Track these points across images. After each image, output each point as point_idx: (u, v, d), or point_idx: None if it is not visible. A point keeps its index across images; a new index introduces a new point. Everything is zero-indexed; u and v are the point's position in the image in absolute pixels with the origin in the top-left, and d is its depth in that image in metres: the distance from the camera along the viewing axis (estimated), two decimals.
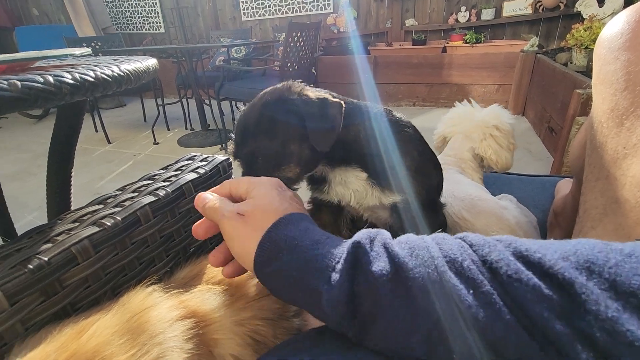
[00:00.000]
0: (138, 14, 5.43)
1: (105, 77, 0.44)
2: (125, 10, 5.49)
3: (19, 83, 0.34)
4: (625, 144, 0.42)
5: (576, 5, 2.81)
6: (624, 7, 2.56)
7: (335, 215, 0.68)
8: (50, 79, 0.37)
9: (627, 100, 0.43)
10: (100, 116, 3.36)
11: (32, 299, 0.35)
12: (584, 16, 2.67)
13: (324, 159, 0.55)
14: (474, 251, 0.29)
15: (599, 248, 0.25)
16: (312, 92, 0.53)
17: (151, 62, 0.61)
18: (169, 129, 3.58)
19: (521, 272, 0.25)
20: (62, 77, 0.38)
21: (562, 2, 3.39)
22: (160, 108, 3.41)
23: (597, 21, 2.51)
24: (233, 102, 3.12)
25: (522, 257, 0.26)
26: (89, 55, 0.57)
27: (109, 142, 3.32)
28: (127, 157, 2.95)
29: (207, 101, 3.33)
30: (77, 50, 0.51)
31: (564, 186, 0.95)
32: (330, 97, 0.52)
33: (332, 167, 0.57)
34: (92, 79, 0.42)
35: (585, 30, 2.39)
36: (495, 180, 1.10)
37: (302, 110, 0.50)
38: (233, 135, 0.55)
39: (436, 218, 0.70)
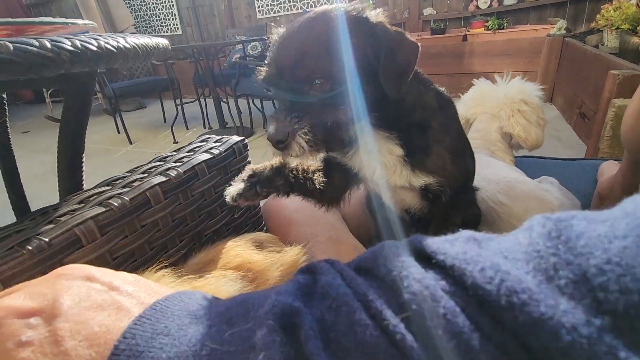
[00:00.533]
0: (156, 16, 5.53)
1: (110, 47, 0.41)
2: (144, 14, 5.59)
3: (10, 45, 0.31)
4: None
5: None
6: None
7: (347, 181, 0.58)
8: (47, 43, 0.34)
9: None
10: (122, 118, 3.43)
11: None
12: None
13: (374, 113, 0.46)
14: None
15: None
16: (385, 20, 0.45)
17: (161, 40, 0.58)
18: (187, 128, 3.62)
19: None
20: (61, 42, 0.35)
21: None
22: (179, 108, 3.44)
23: (626, 1, 2.35)
24: (250, 100, 3.11)
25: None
26: (94, 26, 0.54)
27: (131, 143, 3.38)
28: (148, 156, 2.99)
29: (224, 99, 3.33)
30: (81, 21, 0.48)
31: (609, 168, 0.87)
32: (405, 34, 0.44)
33: (370, 129, 0.48)
34: (95, 48, 0.39)
35: (615, 10, 2.24)
36: (530, 164, 1.03)
37: (381, 40, 0.42)
38: (271, 55, 0.45)
39: (470, 207, 0.64)
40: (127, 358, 0.19)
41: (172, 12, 5.37)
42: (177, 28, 5.46)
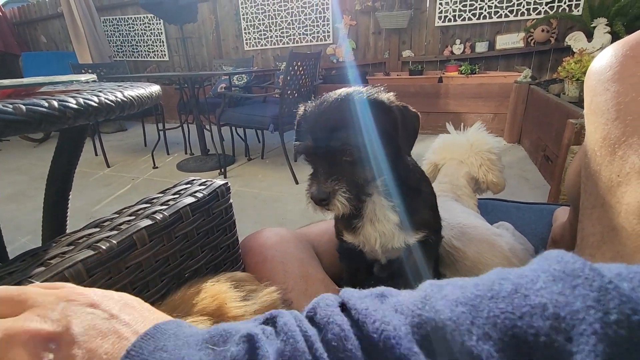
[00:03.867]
0: (144, 42, 5.61)
1: (109, 102, 0.45)
2: (132, 39, 5.67)
3: (23, 107, 0.34)
4: (618, 172, 0.43)
5: (566, 39, 2.92)
6: (612, 42, 2.66)
7: (359, 263, 0.72)
8: (55, 103, 0.38)
9: (618, 129, 0.44)
10: (101, 140, 3.40)
11: None
12: (574, 50, 2.76)
13: (382, 176, 0.57)
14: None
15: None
16: (394, 99, 0.57)
17: (154, 88, 0.63)
18: (168, 154, 3.61)
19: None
20: (67, 102, 0.39)
21: (553, 37, 3.52)
22: (161, 133, 3.45)
23: (586, 55, 2.61)
24: (233, 128, 3.17)
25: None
26: (94, 81, 0.58)
27: (108, 166, 3.33)
28: (126, 180, 2.96)
29: (207, 126, 3.37)
30: (83, 77, 0.52)
31: (562, 214, 0.95)
32: (409, 107, 0.56)
33: (377, 196, 0.59)
34: (96, 104, 0.43)
35: (576, 63, 2.47)
36: (493, 207, 1.11)
37: (396, 115, 0.53)
38: (306, 129, 0.55)
39: (438, 250, 0.72)
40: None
41: (160, 39, 5.47)
42: (164, 54, 5.55)
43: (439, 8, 3.89)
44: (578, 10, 3.39)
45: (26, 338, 0.23)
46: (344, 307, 0.27)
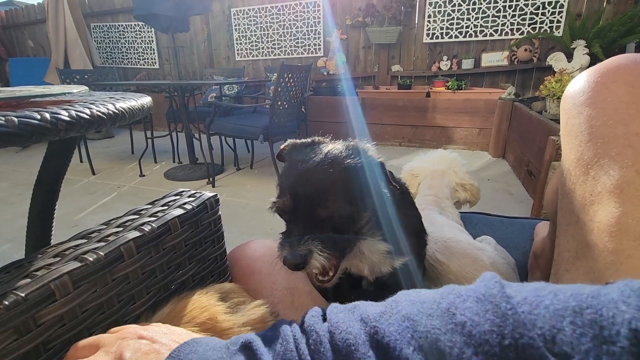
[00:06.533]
0: (134, 50, 5.59)
1: (101, 114, 0.46)
2: (122, 46, 5.64)
3: (15, 119, 0.35)
4: (591, 191, 0.45)
5: (547, 59, 3.04)
6: (590, 63, 2.78)
7: (346, 279, 0.71)
8: (47, 116, 0.38)
9: (590, 151, 0.47)
10: (87, 147, 3.34)
11: (5, 337, 0.34)
12: (555, 69, 2.88)
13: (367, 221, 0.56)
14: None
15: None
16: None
17: (146, 100, 0.63)
18: (156, 162, 3.57)
19: None
20: (59, 114, 0.39)
21: (535, 56, 3.65)
22: (149, 141, 3.41)
23: (566, 74, 2.72)
24: (222, 137, 3.16)
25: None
26: (86, 92, 0.59)
27: (94, 173, 3.28)
28: (111, 188, 2.91)
29: (196, 135, 3.36)
30: (75, 88, 0.53)
31: (543, 228, 0.98)
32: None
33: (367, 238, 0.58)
34: (88, 116, 0.43)
35: (557, 82, 2.57)
36: (478, 221, 1.13)
37: (378, 176, 0.54)
38: (285, 186, 0.52)
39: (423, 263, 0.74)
40: None
41: (151, 47, 5.47)
42: (155, 62, 5.53)
43: (427, 25, 4.00)
44: (559, 32, 3.53)
45: None
46: (326, 318, 0.33)
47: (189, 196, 0.61)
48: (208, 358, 0.32)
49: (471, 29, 3.87)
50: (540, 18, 3.61)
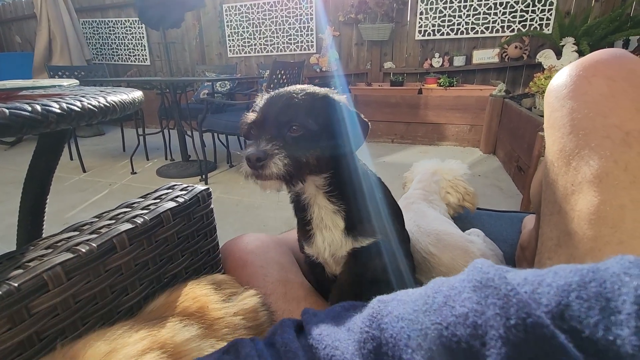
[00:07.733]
0: (125, 46, 5.52)
1: (92, 107, 0.46)
2: (112, 42, 5.57)
3: (7, 111, 0.35)
4: (572, 182, 0.47)
5: (537, 56, 3.08)
6: None
7: (322, 277, 0.71)
8: (38, 107, 0.38)
9: (572, 142, 0.48)
10: (77, 144, 3.30)
11: None
12: (544, 66, 2.91)
13: (329, 170, 0.57)
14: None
15: None
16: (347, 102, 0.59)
17: (137, 94, 0.63)
18: (148, 159, 3.54)
19: None
20: (50, 106, 0.40)
21: (525, 54, 3.70)
22: (141, 138, 3.38)
23: (555, 71, 2.75)
24: (215, 134, 3.15)
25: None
26: (77, 85, 0.59)
27: (84, 171, 3.24)
28: (102, 186, 2.88)
29: (189, 132, 3.34)
30: (65, 82, 0.53)
31: (530, 221, 1.00)
32: (361, 115, 0.59)
33: (322, 192, 0.59)
34: (79, 109, 0.43)
35: (546, 79, 2.60)
36: (467, 214, 1.15)
37: (345, 114, 0.55)
38: (259, 107, 0.56)
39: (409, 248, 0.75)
40: None
41: (142, 43, 5.40)
42: (146, 59, 5.47)
43: (419, 22, 4.03)
44: (549, 29, 3.58)
45: None
46: (301, 327, 0.31)
47: (181, 189, 0.61)
48: None
49: (462, 26, 3.90)
50: (530, 15, 3.66)
